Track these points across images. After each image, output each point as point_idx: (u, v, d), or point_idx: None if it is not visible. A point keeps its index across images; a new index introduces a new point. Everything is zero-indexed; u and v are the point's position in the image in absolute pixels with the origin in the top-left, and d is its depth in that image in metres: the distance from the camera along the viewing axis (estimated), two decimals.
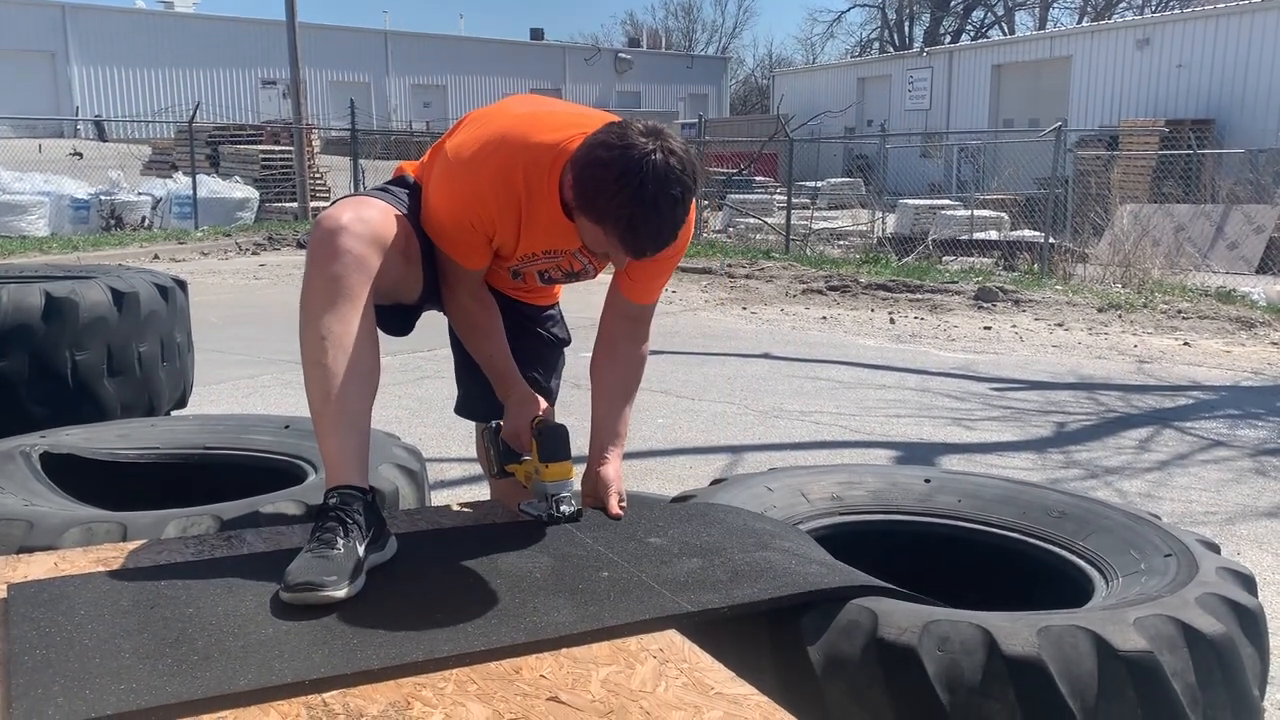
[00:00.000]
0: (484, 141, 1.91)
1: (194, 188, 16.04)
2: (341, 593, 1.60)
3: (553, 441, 1.97)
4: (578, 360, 2.41)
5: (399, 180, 2.14)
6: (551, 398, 2.35)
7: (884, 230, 15.05)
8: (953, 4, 45.59)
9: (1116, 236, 11.90)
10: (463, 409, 2.42)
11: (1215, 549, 1.97)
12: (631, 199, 1.66)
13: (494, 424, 2.17)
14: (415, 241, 1.96)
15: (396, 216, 1.93)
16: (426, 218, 1.98)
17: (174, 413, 3.72)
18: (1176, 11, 24.76)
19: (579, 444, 2.04)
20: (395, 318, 2.09)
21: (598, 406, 2.18)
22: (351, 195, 2.00)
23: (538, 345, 2.37)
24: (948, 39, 42.33)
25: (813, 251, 13.87)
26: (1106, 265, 11.34)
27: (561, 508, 1.96)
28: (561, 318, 2.47)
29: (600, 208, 1.70)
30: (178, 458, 2.69)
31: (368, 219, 1.84)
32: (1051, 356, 7.38)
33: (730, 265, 12.19)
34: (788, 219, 14.48)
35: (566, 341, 2.46)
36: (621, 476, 2.14)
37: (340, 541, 1.67)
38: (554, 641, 1.52)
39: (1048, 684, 1.48)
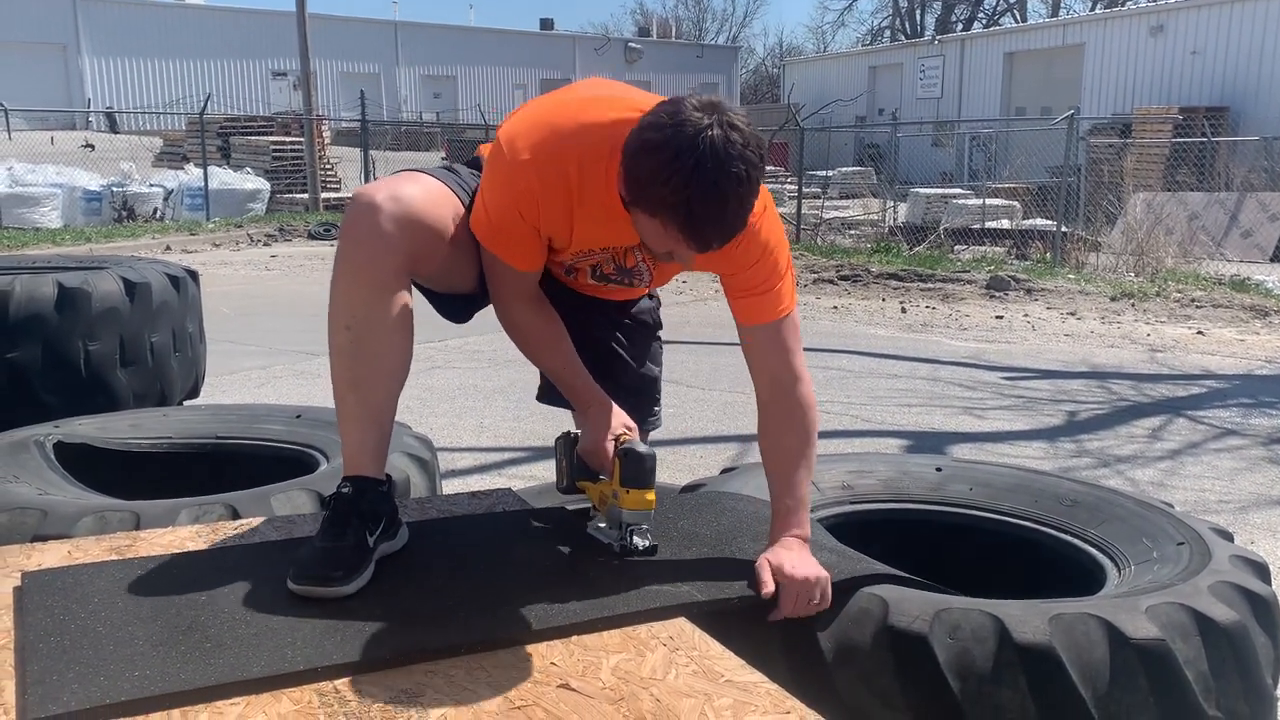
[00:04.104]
0: (534, 125, 1.73)
1: (205, 179, 16.11)
2: (348, 588, 1.59)
3: (637, 466, 1.73)
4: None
5: (473, 162, 1.94)
6: (649, 385, 2.15)
7: (895, 219, 15.00)
8: None
9: (1129, 225, 11.83)
10: (546, 395, 2.16)
11: (1228, 537, 1.96)
12: (688, 181, 1.45)
13: (572, 434, 1.95)
14: (467, 225, 1.79)
15: (444, 195, 1.77)
16: (473, 213, 1.79)
17: (186, 403, 3.73)
18: None
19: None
20: (455, 305, 1.95)
21: (768, 476, 1.87)
22: (404, 170, 1.83)
23: (615, 325, 2.14)
24: (959, 27, 42.10)
25: (824, 241, 13.83)
26: (1119, 254, 11.28)
27: (635, 539, 1.76)
28: (651, 309, 2.22)
29: (654, 195, 1.49)
30: (190, 447, 2.70)
31: (405, 197, 1.68)
32: (1063, 345, 7.35)
33: None
34: (799, 208, 14.47)
35: (653, 325, 2.22)
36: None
37: (350, 532, 1.65)
38: (564, 629, 1.52)
39: (1059, 672, 1.48)
